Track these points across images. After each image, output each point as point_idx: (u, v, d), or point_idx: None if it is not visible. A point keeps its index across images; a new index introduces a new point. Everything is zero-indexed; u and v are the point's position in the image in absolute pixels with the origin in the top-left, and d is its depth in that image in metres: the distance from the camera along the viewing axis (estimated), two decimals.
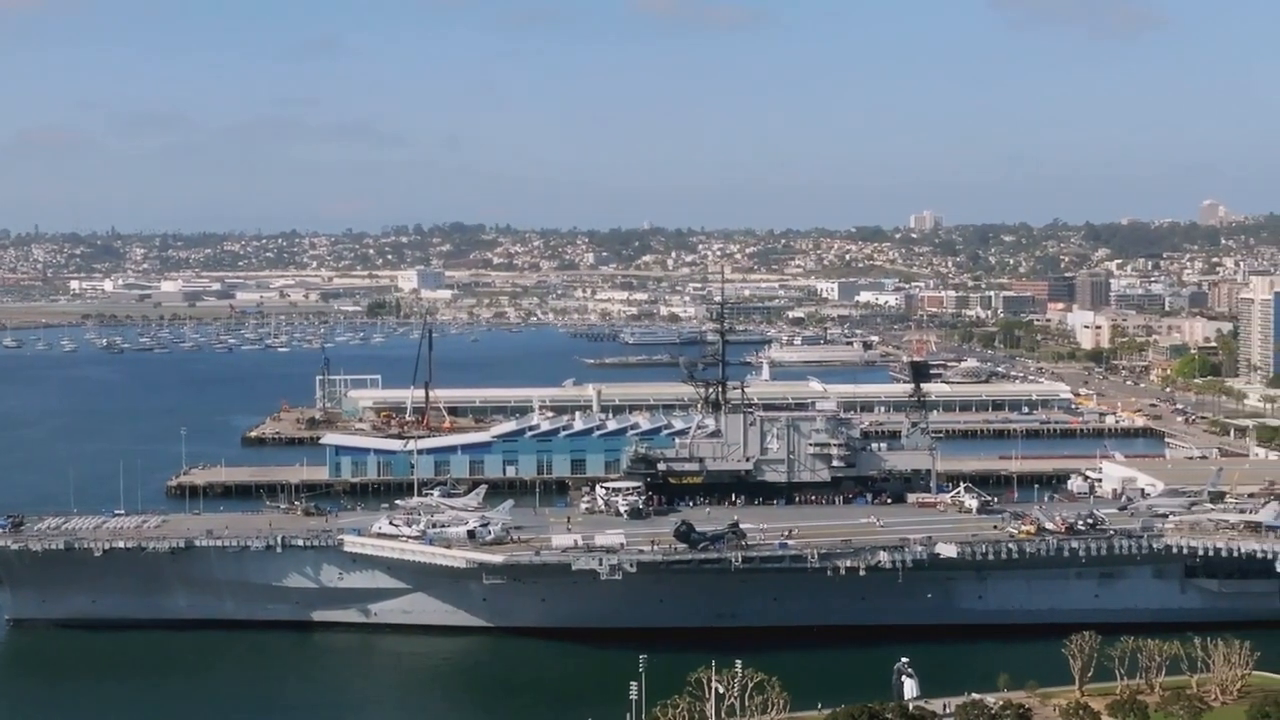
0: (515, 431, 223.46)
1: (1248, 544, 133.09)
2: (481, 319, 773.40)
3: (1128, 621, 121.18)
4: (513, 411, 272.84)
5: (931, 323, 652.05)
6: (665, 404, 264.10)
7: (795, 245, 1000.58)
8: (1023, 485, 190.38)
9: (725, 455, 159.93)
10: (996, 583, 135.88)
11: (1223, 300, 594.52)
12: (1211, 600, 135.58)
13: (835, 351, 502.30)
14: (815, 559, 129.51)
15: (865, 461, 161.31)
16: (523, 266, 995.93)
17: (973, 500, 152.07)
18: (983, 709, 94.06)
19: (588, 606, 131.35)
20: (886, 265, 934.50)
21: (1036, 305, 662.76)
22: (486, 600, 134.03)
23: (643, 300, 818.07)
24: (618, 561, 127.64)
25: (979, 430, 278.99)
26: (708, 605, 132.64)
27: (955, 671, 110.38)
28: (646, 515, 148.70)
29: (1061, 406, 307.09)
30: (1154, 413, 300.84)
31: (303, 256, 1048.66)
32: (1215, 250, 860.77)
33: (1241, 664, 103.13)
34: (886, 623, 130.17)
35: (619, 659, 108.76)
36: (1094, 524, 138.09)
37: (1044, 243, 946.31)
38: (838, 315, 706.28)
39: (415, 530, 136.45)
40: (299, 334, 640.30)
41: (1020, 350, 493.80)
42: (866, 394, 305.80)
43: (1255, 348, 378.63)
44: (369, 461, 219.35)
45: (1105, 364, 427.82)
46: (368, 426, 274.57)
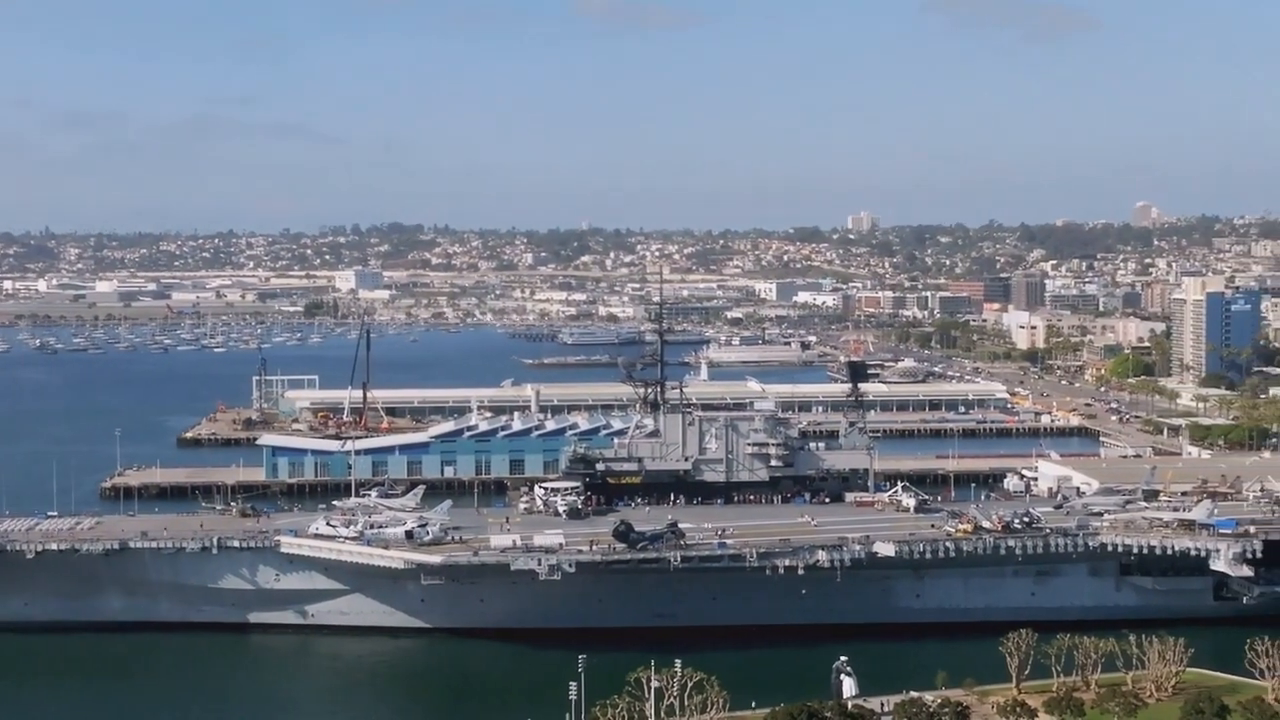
0: (453, 432, 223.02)
1: (1181, 542, 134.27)
2: (420, 319, 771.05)
3: (1064, 619, 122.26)
4: (451, 412, 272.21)
5: (869, 323, 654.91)
6: (604, 404, 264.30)
7: (733, 246, 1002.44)
8: (959, 484, 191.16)
9: (664, 455, 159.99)
10: (934, 581, 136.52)
11: (1156, 301, 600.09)
12: (1146, 598, 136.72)
13: (773, 352, 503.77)
14: (754, 558, 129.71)
15: (803, 461, 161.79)
16: (461, 267, 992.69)
17: (910, 499, 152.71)
18: (921, 707, 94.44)
19: (526, 607, 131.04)
20: (824, 266, 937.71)
21: (972, 305, 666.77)
22: (425, 601, 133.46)
23: (581, 300, 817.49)
24: (556, 562, 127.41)
25: (916, 430, 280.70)
26: (647, 605, 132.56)
27: (894, 670, 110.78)
28: (585, 515, 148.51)
29: (997, 406, 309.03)
30: (1089, 412, 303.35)
31: (239, 257, 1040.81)
32: (1148, 251, 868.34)
33: (1176, 661, 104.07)
34: (825, 622, 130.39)
35: (558, 659, 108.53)
36: (1030, 522, 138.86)
37: (980, 244, 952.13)
38: (776, 316, 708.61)
39: (353, 531, 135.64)
40: (235, 334, 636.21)
41: (956, 350, 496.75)
42: (804, 394, 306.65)
43: (1188, 348, 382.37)
44: (306, 462, 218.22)
45: (1040, 364, 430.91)
46: (305, 427, 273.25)
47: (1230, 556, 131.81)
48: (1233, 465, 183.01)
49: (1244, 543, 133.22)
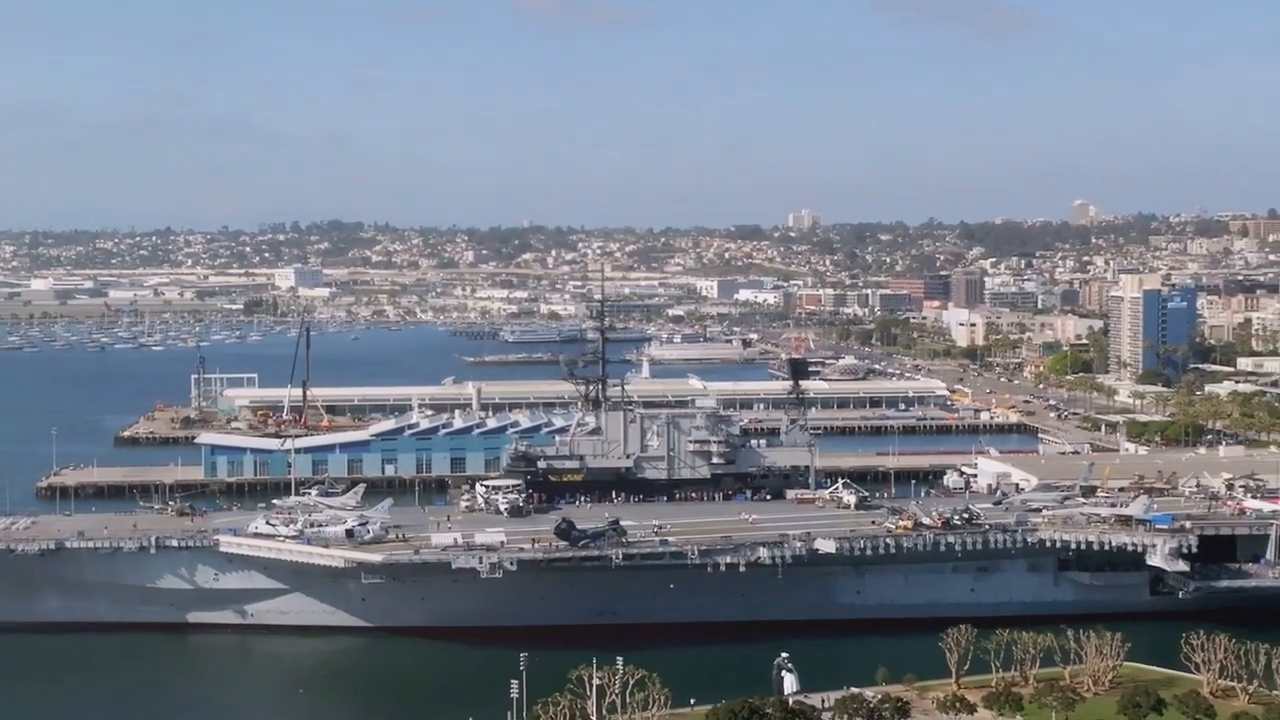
0: (394, 430, 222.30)
1: (1118, 537, 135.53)
2: (360, 317, 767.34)
3: (1003, 615, 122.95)
4: (391, 410, 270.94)
5: (810, 321, 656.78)
6: (545, 402, 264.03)
7: (675, 244, 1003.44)
8: (900, 481, 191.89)
9: (606, 453, 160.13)
10: (874, 578, 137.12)
11: (1093, 298, 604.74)
12: (1084, 593, 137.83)
13: (715, 349, 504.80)
14: (695, 555, 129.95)
15: (745, 458, 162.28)
16: (402, 265, 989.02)
17: (851, 496, 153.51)
18: (861, 703, 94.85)
19: (468, 605, 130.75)
20: (765, 264, 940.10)
21: (912, 303, 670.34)
22: (365, 600, 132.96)
23: (523, 298, 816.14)
24: (498, 560, 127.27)
25: (857, 427, 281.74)
26: (589, 602, 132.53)
27: (834, 666, 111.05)
28: (527, 513, 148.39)
29: (937, 403, 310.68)
30: (1027, 409, 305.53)
31: (178, 254, 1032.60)
32: (1086, 249, 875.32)
33: (1113, 655, 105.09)
34: (766, 618, 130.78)
35: (500, 657, 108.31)
36: (970, 519, 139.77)
37: (920, 241, 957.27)
38: (717, 313, 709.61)
39: (293, 530, 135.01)
40: (174, 333, 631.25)
41: (897, 348, 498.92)
42: (746, 391, 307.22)
43: (1125, 345, 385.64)
44: (245, 461, 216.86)
45: (980, 361, 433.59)
46: (244, 426, 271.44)
47: (1166, 552, 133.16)
48: (1169, 461, 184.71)
49: (1180, 538, 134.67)
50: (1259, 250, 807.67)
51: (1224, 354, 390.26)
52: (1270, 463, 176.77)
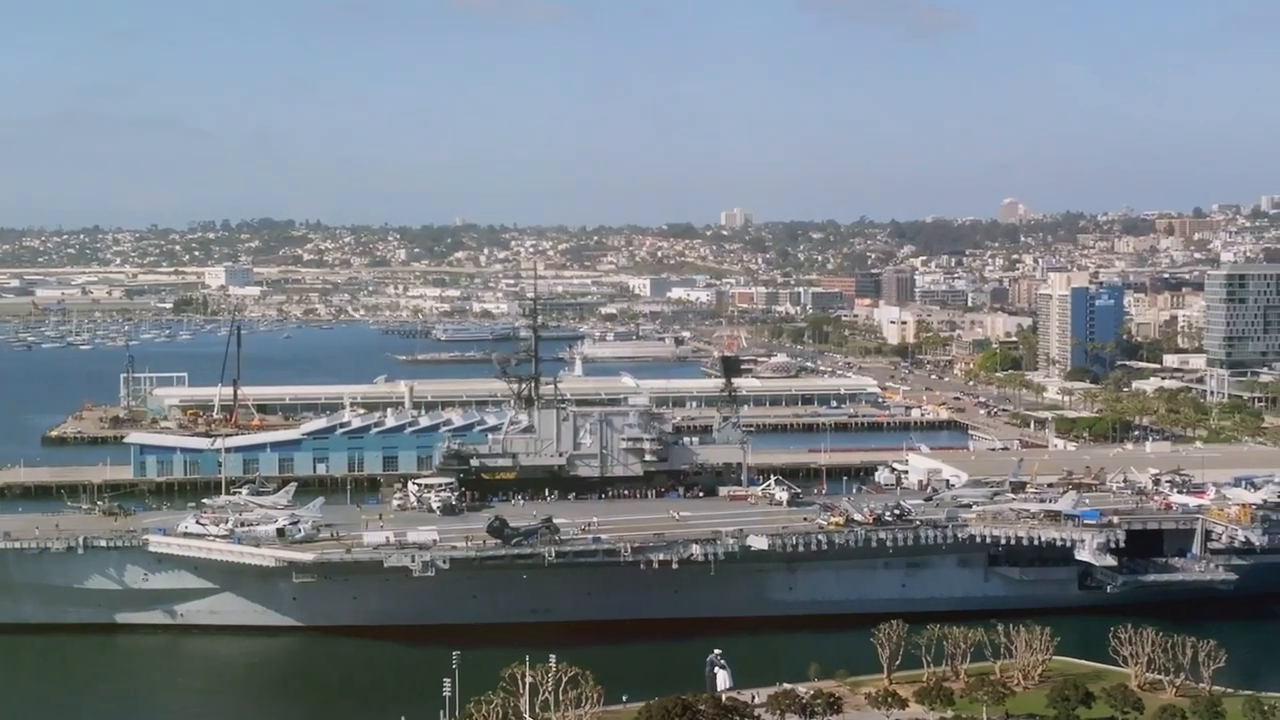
0: (326, 429, 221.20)
1: (1047, 532, 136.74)
2: (292, 316, 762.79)
3: (934, 610, 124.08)
4: (323, 409, 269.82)
5: (742, 318, 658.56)
6: (478, 400, 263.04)
7: (608, 242, 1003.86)
8: (832, 478, 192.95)
9: (538, 451, 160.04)
10: (807, 574, 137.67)
11: (1022, 296, 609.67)
12: (1013, 588, 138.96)
13: (647, 347, 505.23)
14: (628, 553, 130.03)
15: (677, 456, 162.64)
16: (333, 263, 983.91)
17: (783, 493, 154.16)
18: (794, 699, 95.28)
19: (400, 604, 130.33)
20: (698, 262, 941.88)
21: (844, 301, 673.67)
22: (297, 599, 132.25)
23: (455, 297, 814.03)
24: (430, 558, 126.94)
25: (789, 424, 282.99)
26: (522, 600, 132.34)
27: (767, 662, 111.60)
28: (459, 511, 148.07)
29: (869, 400, 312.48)
30: (958, 406, 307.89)
31: (106, 253, 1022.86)
32: (1015, 247, 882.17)
33: (1042, 649, 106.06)
34: (699, 615, 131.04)
35: (432, 656, 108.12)
36: (901, 515, 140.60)
37: (851, 240, 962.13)
38: (650, 311, 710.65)
39: (223, 529, 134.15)
40: (102, 331, 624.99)
41: (829, 345, 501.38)
42: (678, 389, 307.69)
43: (1054, 342, 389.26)
44: (175, 460, 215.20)
45: (911, 359, 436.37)
46: (174, 425, 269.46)
47: (1094, 546, 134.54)
48: (1097, 457, 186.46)
49: (1107, 533, 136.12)
50: (1184, 249, 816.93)
51: (1150, 351, 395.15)
52: (1195, 458, 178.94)
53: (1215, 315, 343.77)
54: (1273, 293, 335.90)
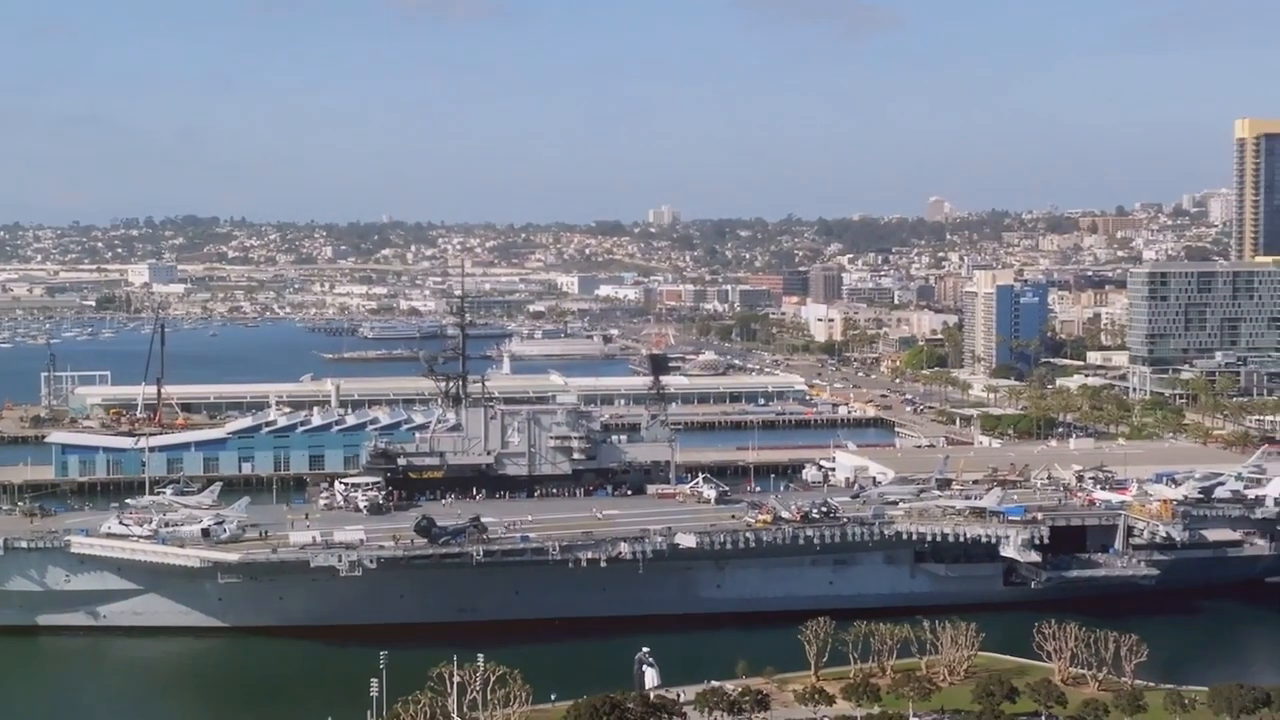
0: (251, 428, 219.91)
1: (973, 529, 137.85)
2: (216, 314, 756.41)
3: (861, 607, 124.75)
4: (249, 407, 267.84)
5: (670, 316, 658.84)
6: (405, 399, 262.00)
7: (535, 239, 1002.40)
8: (759, 475, 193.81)
9: (466, 449, 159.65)
10: (734, 571, 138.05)
11: (948, 294, 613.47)
12: (939, 584, 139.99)
13: (575, 345, 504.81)
14: (556, 551, 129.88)
15: (606, 454, 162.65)
16: (259, 260, 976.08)
17: (711, 491, 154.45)
18: (722, 696, 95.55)
19: (327, 604, 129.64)
20: (626, 259, 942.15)
21: (772, 299, 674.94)
22: (222, 600, 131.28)
23: (382, 294, 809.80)
24: (357, 558, 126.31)
25: (717, 422, 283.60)
26: (449, 600, 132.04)
27: (695, 660, 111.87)
28: (387, 510, 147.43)
29: (796, 398, 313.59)
30: (884, 403, 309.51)
31: (27, 249, 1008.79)
32: (941, 245, 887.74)
33: (968, 645, 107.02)
34: (627, 613, 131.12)
35: (359, 656, 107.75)
36: (828, 512, 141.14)
37: (779, 237, 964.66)
38: (578, 309, 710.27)
39: (147, 530, 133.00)
40: (23, 330, 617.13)
41: (756, 343, 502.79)
42: (606, 387, 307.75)
43: (979, 339, 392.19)
44: (98, 460, 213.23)
45: (838, 356, 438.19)
46: (97, 424, 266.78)
47: (1019, 543, 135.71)
48: (1021, 454, 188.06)
49: (1032, 529, 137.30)
50: (1108, 247, 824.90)
51: (1074, 348, 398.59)
52: (1118, 454, 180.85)
53: (1137, 313, 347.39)
54: (1193, 291, 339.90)
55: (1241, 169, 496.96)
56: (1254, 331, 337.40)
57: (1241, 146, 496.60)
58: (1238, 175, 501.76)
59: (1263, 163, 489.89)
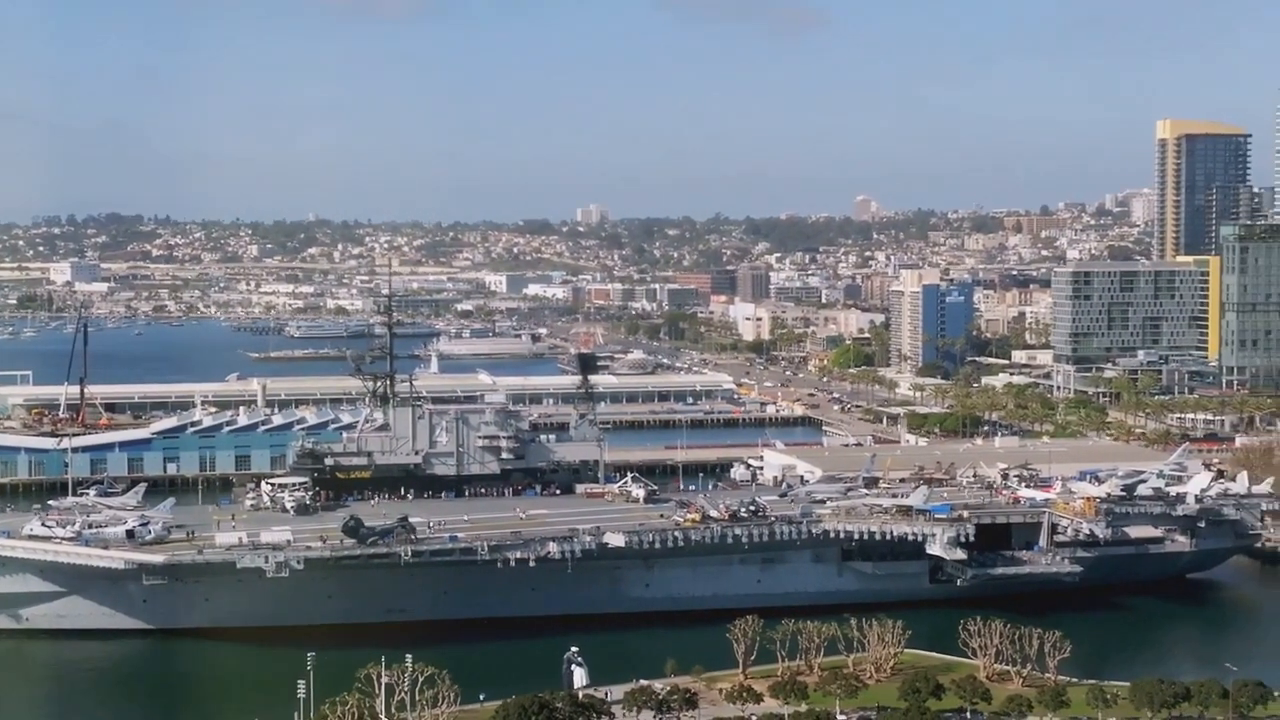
0: (176, 428, 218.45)
1: (899, 527, 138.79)
2: (140, 313, 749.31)
3: (789, 605, 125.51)
4: (174, 407, 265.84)
5: (598, 315, 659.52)
6: (332, 398, 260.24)
7: (463, 238, 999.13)
8: (688, 474, 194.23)
9: (394, 449, 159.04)
10: (663, 570, 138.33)
11: (875, 293, 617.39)
12: (866, 582, 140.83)
13: (503, 344, 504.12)
14: (485, 551, 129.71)
15: (534, 453, 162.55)
16: (183, 259, 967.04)
17: (639, 490, 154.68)
18: (650, 695, 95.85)
19: (254, 605, 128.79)
20: (554, 258, 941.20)
21: (700, 298, 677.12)
22: (147, 601, 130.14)
23: (309, 293, 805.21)
24: (284, 558, 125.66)
25: (645, 421, 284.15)
26: (377, 600, 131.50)
27: (624, 659, 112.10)
28: (314, 511, 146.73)
29: (724, 397, 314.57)
30: (812, 402, 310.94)
31: None
32: (868, 245, 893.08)
33: (894, 642, 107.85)
34: (556, 613, 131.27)
35: (286, 657, 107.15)
36: (756, 511, 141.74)
37: (707, 237, 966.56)
38: (506, 308, 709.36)
39: (70, 531, 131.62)
40: None
41: (685, 342, 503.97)
42: (535, 386, 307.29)
43: (905, 338, 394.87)
44: (19, 461, 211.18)
45: (766, 355, 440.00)
46: (18, 425, 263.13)
47: (945, 540, 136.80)
48: (947, 452, 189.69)
49: (958, 527, 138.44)
50: (1032, 246, 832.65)
51: (999, 347, 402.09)
52: (1043, 452, 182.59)
53: (1061, 312, 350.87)
54: (1116, 290, 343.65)
55: (1163, 169, 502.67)
56: (1175, 330, 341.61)
57: (1163, 147, 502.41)
58: (1159, 176, 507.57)
59: (1183, 163, 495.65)
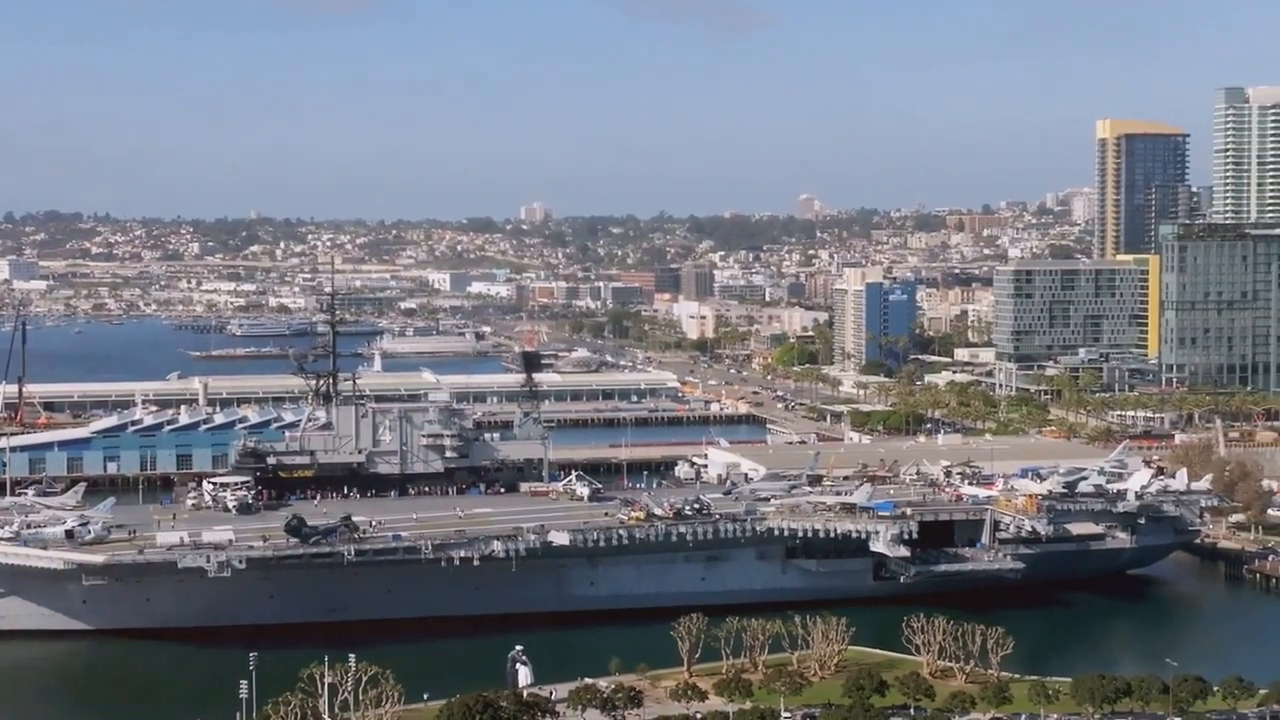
0: (117, 427, 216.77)
1: (843, 525, 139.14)
2: (80, 311, 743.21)
3: (733, 602, 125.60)
4: (114, 406, 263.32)
5: (543, 313, 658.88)
6: (275, 397, 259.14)
7: (407, 236, 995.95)
8: (632, 472, 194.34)
9: (337, 448, 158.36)
10: (608, 569, 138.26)
11: (819, 291, 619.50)
12: (810, 579, 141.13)
13: (447, 342, 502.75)
14: (429, 550, 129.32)
15: (478, 452, 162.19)
16: (123, 257, 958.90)
17: (584, 488, 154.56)
18: (595, 693, 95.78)
19: (196, 605, 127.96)
20: (498, 256, 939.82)
21: (644, 296, 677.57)
22: (87, 602, 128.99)
23: (251, 291, 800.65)
24: (226, 558, 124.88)
25: (590, 419, 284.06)
26: (321, 600, 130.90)
27: (569, 657, 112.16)
28: (256, 510, 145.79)
29: (669, 395, 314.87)
30: (756, 400, 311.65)
31: None
32: (811, 243, 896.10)
33: (838, 639, 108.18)
34: (501, 612, 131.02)
35: (228, 657, 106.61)
36: (700, 509, 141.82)
37: (651, 235, 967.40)
38: (450, 306, 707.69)
39: (8, 531, 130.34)
40: None
41: (629, 340, 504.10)
42: (479, 384, 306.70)
43: (849, 336, 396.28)
44: None
45: (710, 353, 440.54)
46: None
47: (888, 538, 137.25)
48: (891, 450, 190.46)
49: (901, 524, 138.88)
50: (974, 244, 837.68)
51: (942, 345, 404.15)
52: (985, 450, 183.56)
53: (1003, 310, 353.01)
54: (1057, 288, 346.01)
55: (1103, 169, 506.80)
56: (1116, 328, 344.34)
57: (1103, 147, 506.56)
58: (1099, 175, 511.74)
59: (1123, 162, 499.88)
